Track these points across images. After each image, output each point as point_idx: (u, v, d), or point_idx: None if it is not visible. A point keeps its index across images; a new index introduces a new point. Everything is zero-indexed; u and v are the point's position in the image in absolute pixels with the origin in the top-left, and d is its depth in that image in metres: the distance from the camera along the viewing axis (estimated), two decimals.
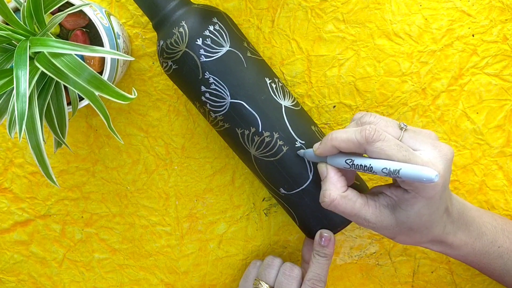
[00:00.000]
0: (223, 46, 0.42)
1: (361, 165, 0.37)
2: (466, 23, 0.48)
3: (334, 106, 0.49)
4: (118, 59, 0.42)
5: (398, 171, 0.35)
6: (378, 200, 0.39)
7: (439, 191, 0.37)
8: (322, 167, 0.41)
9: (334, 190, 0.39)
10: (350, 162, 0.38)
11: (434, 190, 0.37)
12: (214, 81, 0.42)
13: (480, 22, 0.47)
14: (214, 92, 0.42)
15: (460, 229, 0.42)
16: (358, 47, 0.48)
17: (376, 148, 0.36)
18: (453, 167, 0.49)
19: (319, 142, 0.41)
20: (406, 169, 0.35)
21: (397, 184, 0.39)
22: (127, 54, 0.46)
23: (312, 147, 0.42)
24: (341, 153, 0.40)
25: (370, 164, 0.37)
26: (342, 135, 0.38)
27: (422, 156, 0.37)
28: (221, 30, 0.42)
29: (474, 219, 0.43)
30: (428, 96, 0.49)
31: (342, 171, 0.40)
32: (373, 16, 0.48)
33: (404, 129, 0.38)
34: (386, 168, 0.36)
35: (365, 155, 0.39)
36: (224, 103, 0.42)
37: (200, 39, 0.41)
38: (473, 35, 0.48)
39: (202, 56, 0.41)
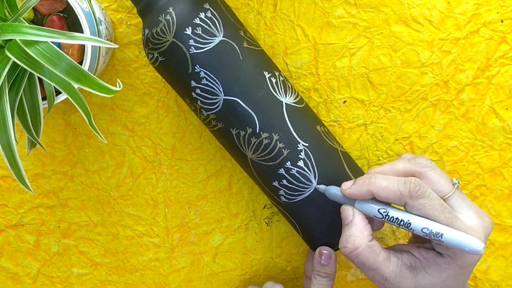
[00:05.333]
0: (215, 36, 0.42)
1: (397, 218, 0.38)
2: (494, 7, 0.48)
3: (345, 101, 0.49)
4: (100, 48, 0.42)
5: (441, 235, 0.36)
6: (401, 258, 0.40)
7: (475, 261, 0.38)
8: (348, 211, 0.41)
9: (361, 238, 0.39)
10: (384, 212, 0.39)
11: (473, 259, 0.37)
12: (206, 76, 0.42)
13: (510, 6, 0.47)
14: (206, 88, 0.42)
15: None
16: (371, 34, 0.48)
17: (418, 205, 0.37)
18: (479, 170, 0.49)
19: (351, 181, 0.41)
20: (450, 235, 0.36)
21: (429, 246, 0.40)
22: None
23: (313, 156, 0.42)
24: (374, 199, 0.40)
25: (408, 220, 0.38)
26: (382, 183, 0.39)
27: (465, 222, 0.38)
28: (213, 18, 0.42)
29: None
30: (451, 90, 0.49)
31: (369, 218, 0.41)
32: None
33: (456, 186, 0.39)
34: (427, 229, 0.37)
35: (402, 208, 0.39)
36: (217, 101, 0.42)
37: (190, 28, 0.41)
38: (502, 21, 0.48)
39: (192, 47, 0.41)
